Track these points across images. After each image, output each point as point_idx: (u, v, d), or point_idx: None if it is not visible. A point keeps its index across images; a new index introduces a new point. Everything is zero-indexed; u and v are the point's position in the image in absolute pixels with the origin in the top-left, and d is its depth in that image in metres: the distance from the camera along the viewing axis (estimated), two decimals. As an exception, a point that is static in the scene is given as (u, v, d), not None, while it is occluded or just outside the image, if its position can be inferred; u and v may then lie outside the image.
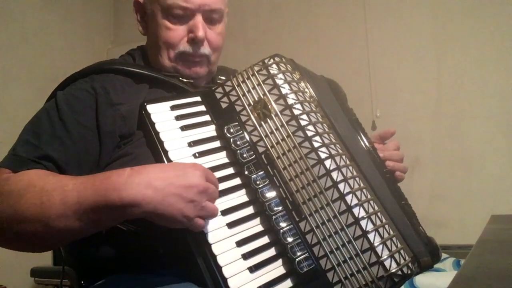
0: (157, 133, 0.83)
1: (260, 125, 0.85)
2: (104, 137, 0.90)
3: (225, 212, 0.79)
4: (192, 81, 1.02)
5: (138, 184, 0.72)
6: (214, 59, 1.05)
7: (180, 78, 1.01)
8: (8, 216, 0.76)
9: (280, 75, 0.86)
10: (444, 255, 2.02)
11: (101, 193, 0.73)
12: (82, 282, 0.96)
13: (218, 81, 1.11)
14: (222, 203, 0.80)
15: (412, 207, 0.92)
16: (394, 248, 0.76)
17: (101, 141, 0.90)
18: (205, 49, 1.02)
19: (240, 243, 0.77)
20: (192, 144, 0.84)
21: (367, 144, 0.95)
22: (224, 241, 0.77)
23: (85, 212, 0.73)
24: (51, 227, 0.75)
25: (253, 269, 0.76)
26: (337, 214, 0.77)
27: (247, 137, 0.85)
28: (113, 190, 0.72)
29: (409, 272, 0.75)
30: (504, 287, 0.51)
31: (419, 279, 1.72)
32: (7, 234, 0.78)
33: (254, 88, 0.87)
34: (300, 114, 0.83)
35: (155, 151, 0.83)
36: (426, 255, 0.82)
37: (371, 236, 0.75)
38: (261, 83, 0.86)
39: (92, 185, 0.74)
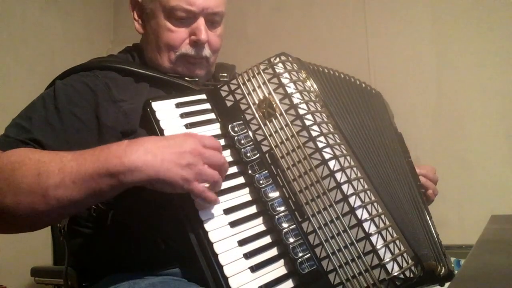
0: (161, 131, 0.83)
1: (265, 124, 0.85)
2: (105, 132, 0.90)
3: (227, 211, 0.79)
4: (196, 79, 1.02)
5: (137, 150, 0.74)
6: (213, 60, 1.06)
7: (186, 78, 1.01)
8: (1, 190, 0.74)
9: (286, 74, 0.86)
10: (444, 255, 2.02)
11: (102, 159, 0.74)
12: (82, 281, 0.96)
13: (220, 79, 1.11)
14: (225, 201, 0.80)
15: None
16: (397, 251, 0.76)
17: (101, 136, 0.90)
18: (206, 51, 1.02)
19: (242, 243, 0.78)
20: None
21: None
22: (226, 240, 0.77)
23: (85, 180, 0.73)
24: (49, 198, 0.74)
25: (254, 268, 0.76)
26: (340, 216, 0.77)
27: (252, 136, 0.85)
28: (114, 157, 0.74)
29: (411, 275, 0.75)
30: (504, 287, 0.51)
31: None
32: (0, 211, 0.75)
33: (259, 86, 0.86)
34: (305, 114, 0.83)
35: None
36: (432, 259, 0.81)
37: (373, 238, 0.75)
38: (267, 81, 0.86)
39: (91, 155, 0.75)
